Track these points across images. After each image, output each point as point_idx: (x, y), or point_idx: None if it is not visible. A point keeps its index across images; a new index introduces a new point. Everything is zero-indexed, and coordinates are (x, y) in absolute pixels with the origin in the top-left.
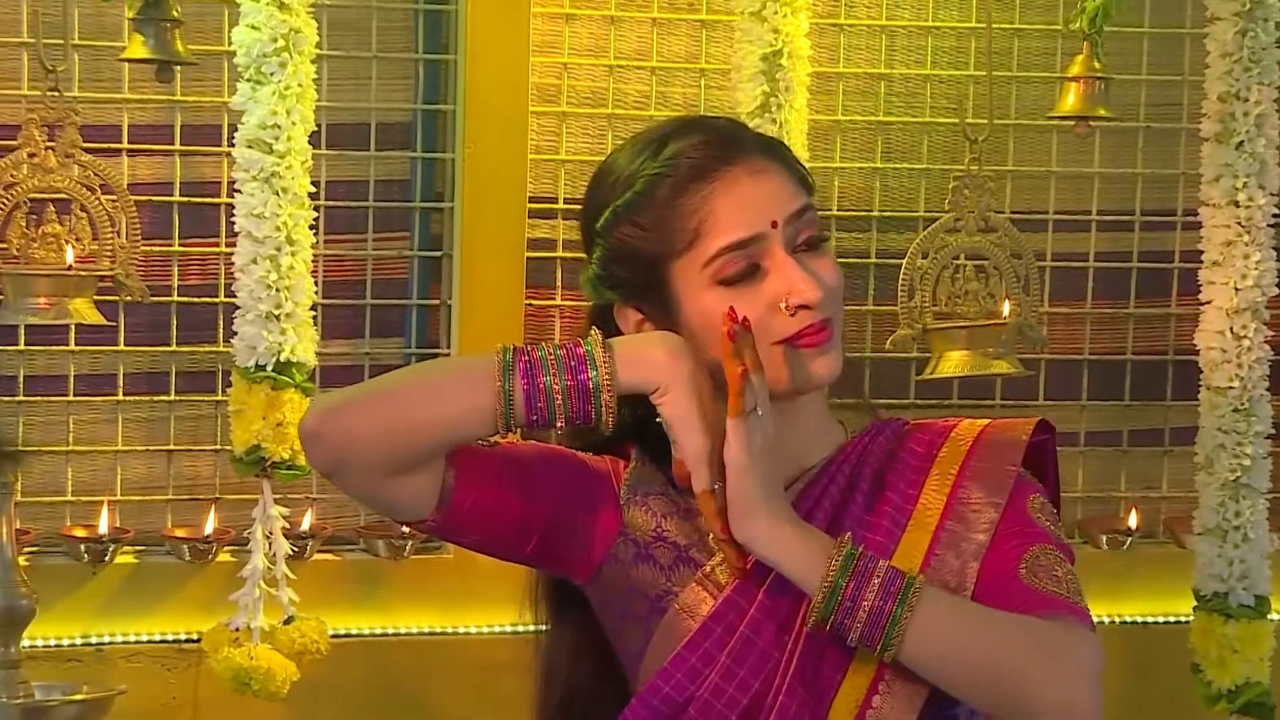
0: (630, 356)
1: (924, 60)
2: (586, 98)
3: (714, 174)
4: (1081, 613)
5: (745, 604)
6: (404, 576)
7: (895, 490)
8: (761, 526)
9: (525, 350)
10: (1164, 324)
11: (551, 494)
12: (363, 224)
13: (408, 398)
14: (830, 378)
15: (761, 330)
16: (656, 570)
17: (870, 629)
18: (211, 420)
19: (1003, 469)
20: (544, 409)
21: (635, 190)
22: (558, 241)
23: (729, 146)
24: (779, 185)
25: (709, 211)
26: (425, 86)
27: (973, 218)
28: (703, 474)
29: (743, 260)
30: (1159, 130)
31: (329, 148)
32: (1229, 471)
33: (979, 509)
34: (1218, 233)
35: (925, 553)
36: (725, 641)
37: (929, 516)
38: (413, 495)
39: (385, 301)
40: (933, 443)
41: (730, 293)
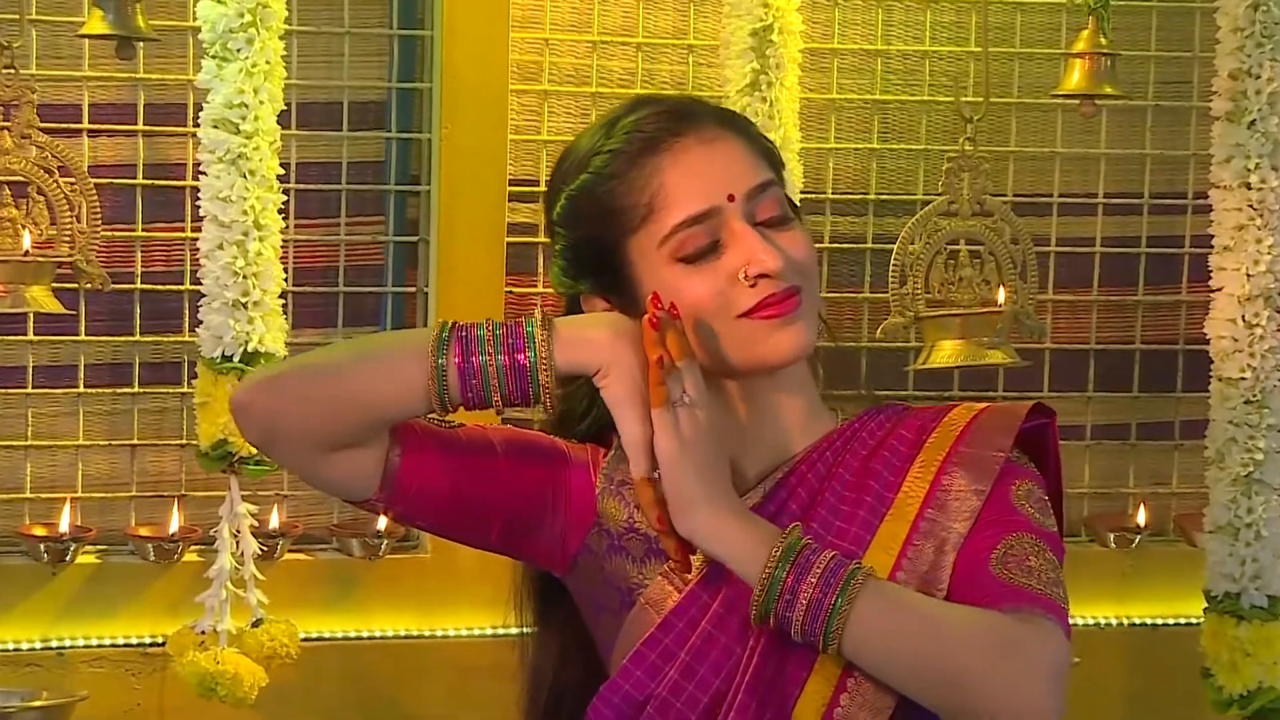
0: (570, 337)
1: (922, 36)
2: (569, 75)
3: (663, 145)
4: (1050, 604)
5: (708, 598)
6: (379, 577)
7: (877, 478)
8: (701, 518)
9: (464, 327)
10: (1173, 312)
11: (514, 481)
12: (335, 208)
13: (338, 372)
14: (798, 351)
15: (723, 306)
16: (628, 562)
17: (810, 621)
18: (176, 413)
19: (990, 455)
20: (478, 387)
21: (588, 171)
22: (539, 226)
23: (679, 117)
24: (735, 155)
25: (660, 184)
26: (400, 64)
27: (968, 201)
28: (640, 461)
29: (702, 236)
30: (1168, 109)
31: (299, 128)
32: (1241, 466)
33: (961, 497)
34: (1229, 216)
35: (903, 543)
36: (686, 637)
37: (909, 505)
38: (353, 473)
39: (359, 289)
40: (924, 428)
41: (689, 270)
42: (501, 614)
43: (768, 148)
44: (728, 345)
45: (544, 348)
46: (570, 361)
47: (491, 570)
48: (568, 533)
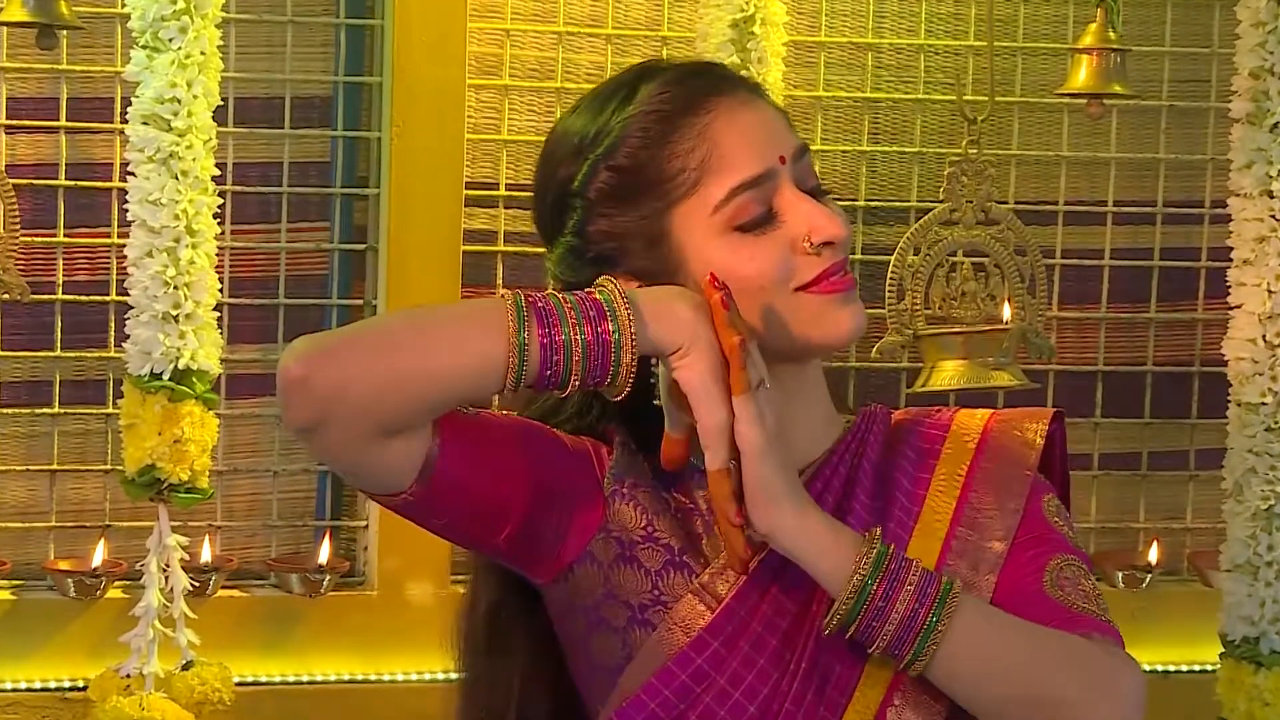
0: (655, 311)
1: (917, 28)
2: (532, 69)
3: (707, 105)
4: (1116, 634)
5: (745, 615)
6: (320, 615)
7: (899, 489)
8: (788, 516)
9: (538, 297)
10: (1189, 331)
11: (534, 477)
12: (275, 212)
13: (411, 343)
14: (858, 331)
15: (781, 277)
16: (641, 575)
17: (901, 636)
18: (100, 436)
19: (1017, 472)
20: (560, 365)
21: (616, 136)
22: (498, 233)
23: (714, 77)
24: (774, 119)
25: (712, 146)
26: (348, 56)
27: (971, 208)
28: (721, 451)
29: (758, 202)
30: (1184, 110)
31: (237, 125)
32: (1261, 499)
33: (993, 515)
34: (1249, 227)
35: (936, 561)
36: (722, 658)
37: (937, 521)
38: (397, 463)
39: (301, 301)
40: (934, 437)
41: (746, 239)
42: None
43: (786, 114)
44: (786, 322)
45: (629, 322)
46: (657, 336)
47: (445, 609)
48: (567, 537)
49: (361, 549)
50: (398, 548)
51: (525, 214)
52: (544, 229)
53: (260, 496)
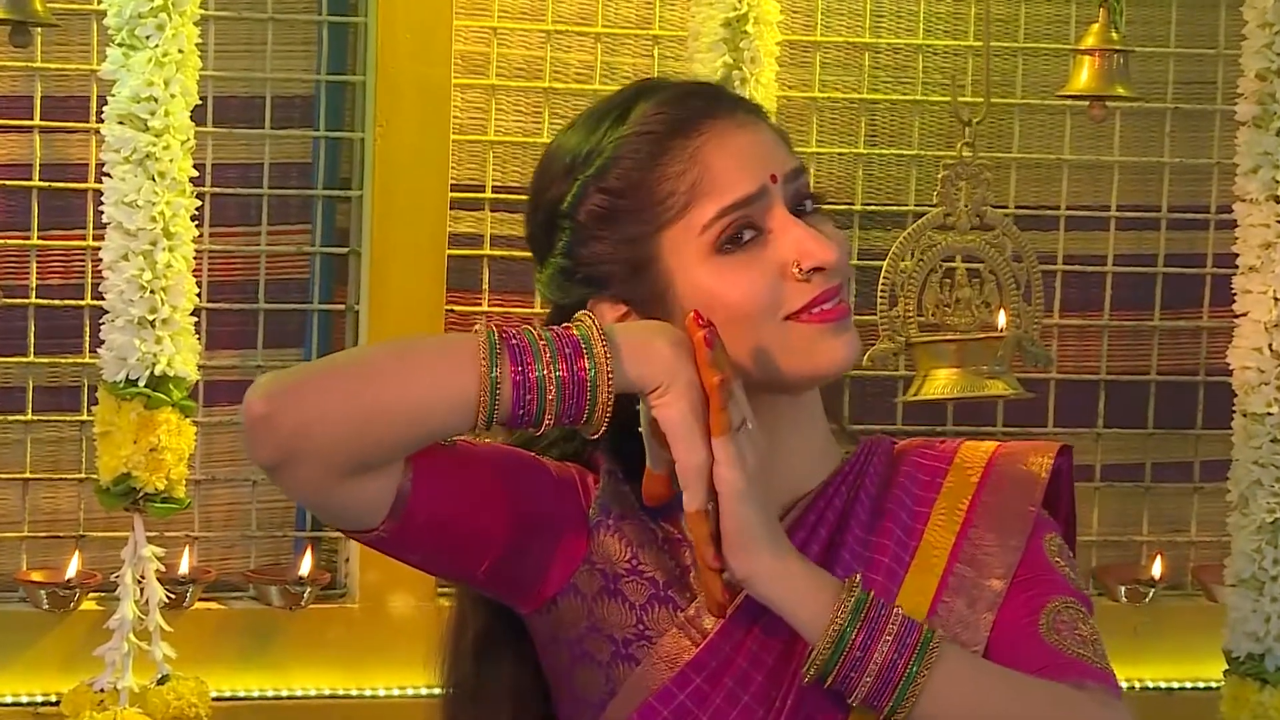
0: (633, 347)
1: (915, 28)
2: (519, 69)
3: (700, 127)
4: (1110, 680)
5: (730, 651)
6: (300, 628)
7: (896, 523)
8: (765, 561)
9: (510, 333)
10: (1193, 339)
11: (515, 508)
12: (255, 215)
13: (379, 379)
14: (850, 361)
15: (769, 305)
16: (625, 609)
17: (880, 687)
18: (74, 444)
19: (1020, 508)
20: (533, 404)
21: (607, 157)
22: (485, 237)
23: (709, 98)
24: (770, 141)
25: (702, 170)
26: (330, 54)
27: (965, 213)
28: (699, 492)
29: (744, 223)
30: (1189, 113)
31: (216, 125)
32: (1267, 512)
33: (993, 552)
34: (1254, 233)
35: (932, 598)
36: (705, 694)
37: (935, 557)
38: (366, 501)
39: (281, 306)
40: (936, 470)
41: (730, 262)
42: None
43: (785, 136)
44: (774, 352)
45: (606, 360)
46: (636, 375)
47: (428, 622)
48: (550, 567)
49: (343, 561)
50: (380, 560)
51: (512, 217)
52: (535, 247)
53: (239, 506)
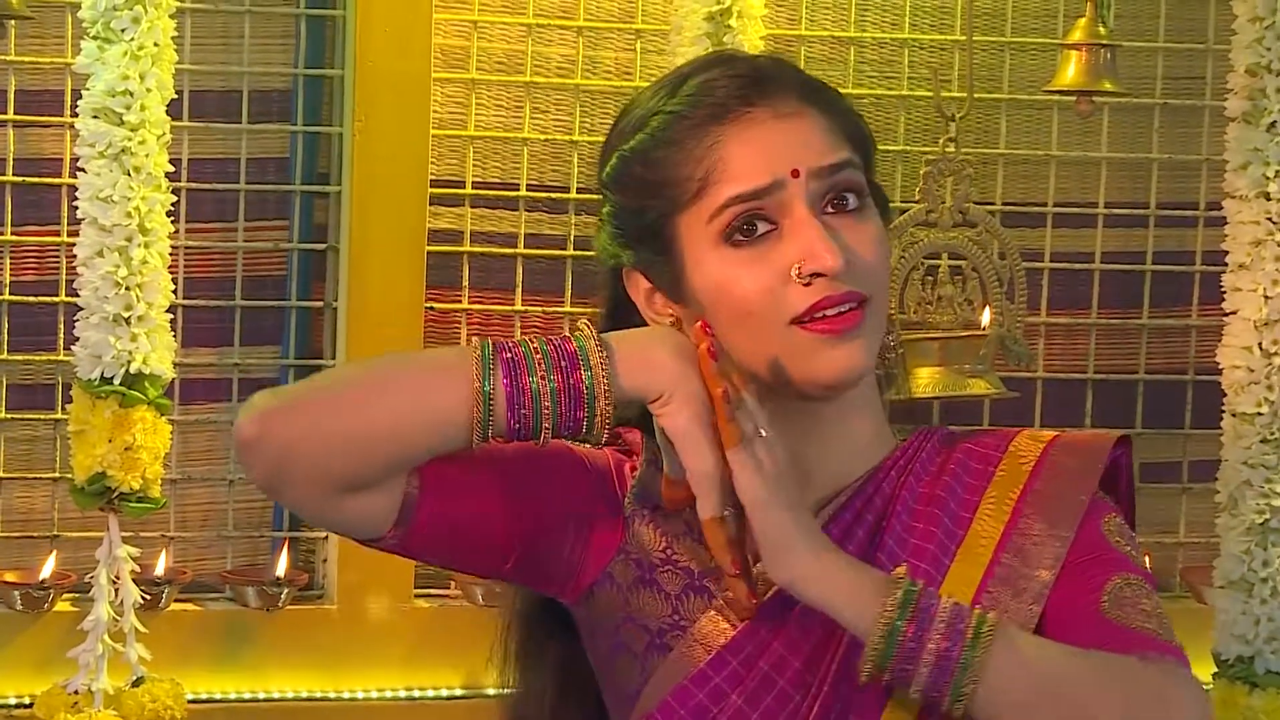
0: (631, 357)
1: (901, 22)
2: (500, 63)
3: (732, 115)
4: (1179, 653)
5: (768, 635)
6: (278, 630)
7: (945, 511)
8: (804, 563)
9: (505, 346)
10: (1182, 338)
11: (537, 505)
12: (232, 210)
13: (366, 401)
14: (849, 375)
15: (773, 307)
16: (660, 599)
17: (937, 677)
18: (49, 443)
19: (1073, 497)
20: (528, 416)
21: (645, 132)
22: (465, 233)
23: (757, 84)
24: (812, 133)
25: (721, 156)
26: (308, 47)
27: (949, 209)
28: (711, 499)
29: (755, 215)
30: (1177, 109)
31: (192, 119)
32: (1256, 513)
33: (1041, 542)
34: (1244, 230)
35: (977, 589)
36: (740, 677)
37: (982, 547)
38: (366, 514)
39: (258, 303)
40: (988, 458)
41: (739, 255)
42: (416, 673)
43: (857, 128)
44: (779, 356)
45: (603, 369)
46: (633, 385)
47: (407, 624)
48: (586, 558)
49: (320, 561)
50: (358, 561)
51: (493, 213)
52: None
53: (215, 506)
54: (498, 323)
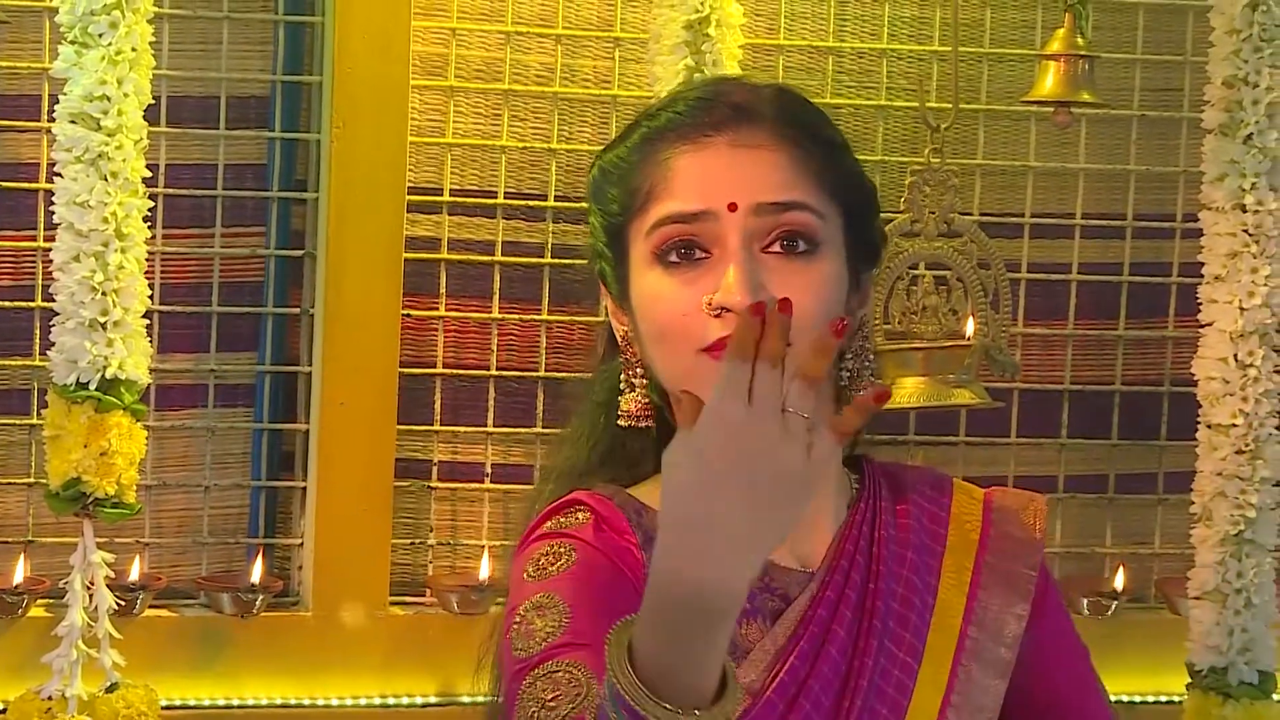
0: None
1: (880, 32)
2: (478, 70)
3: (692, 137)
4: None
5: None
6: (252, 637)
7: (919, 576)
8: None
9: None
10: (1158, 349)
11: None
12: (209, 216)
13: None
14: None
15: (686, 333)
16: None
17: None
18: (23, 448)
19: (1023, 572)
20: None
21: (624, 144)
22: (442, 240)
23: (729, 111)
24: (768, 169)
25: (665, 175)
26: (286, 54)
27: (933, 220)
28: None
29: (687, 241)
30: (1155, 120)
31: (169, 125)
32: (1231, 524)
33: (1000, 619)
34: (1220, 242)
35: (952, 660)
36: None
37: (950, 618)
38: None
39: (234, 309)
40: (938, 518)
41: (665, 277)
42: (391, 681)
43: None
44: (687, 380)
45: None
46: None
47: (378, 634)
48: None
49: (296, 568)
50: (333, 567)
51: (470, 221)
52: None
53: (191, 512)
54: (474, 330)
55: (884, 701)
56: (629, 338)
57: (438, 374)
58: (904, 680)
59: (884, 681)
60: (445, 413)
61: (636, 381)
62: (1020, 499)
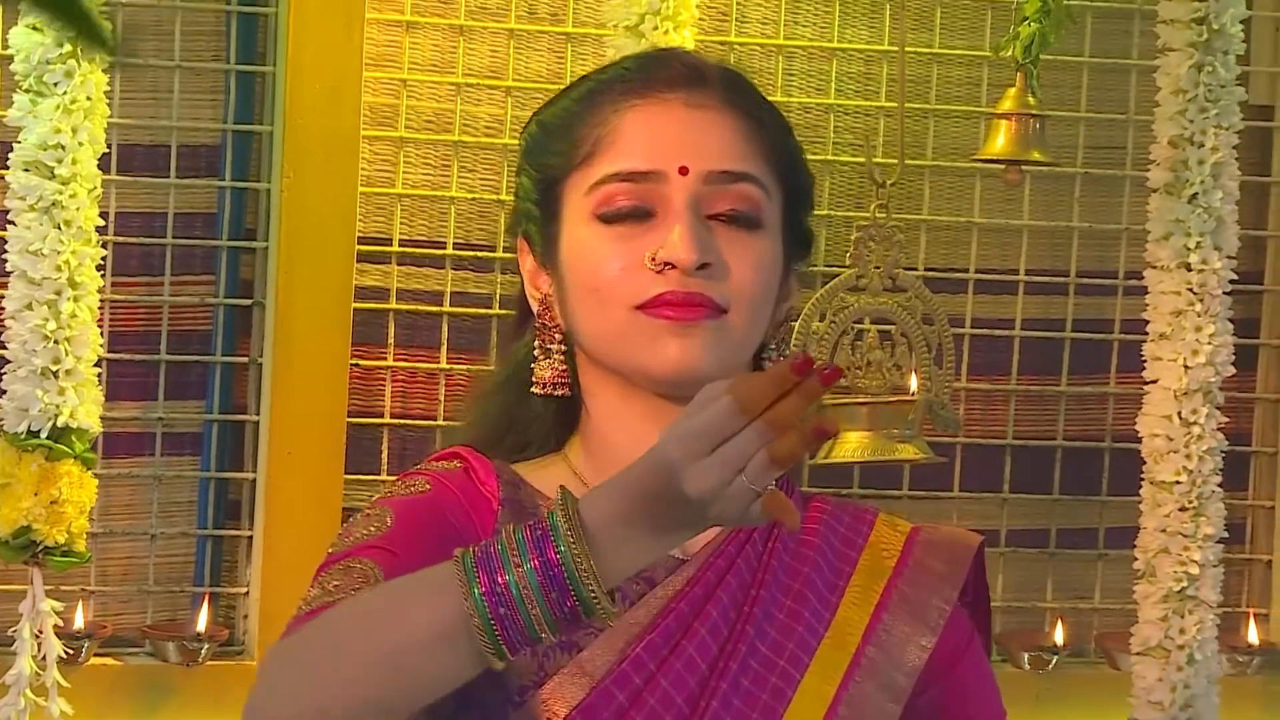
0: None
1: (826, 88)
2: (428, 121)
3: (642, 92)
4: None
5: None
6: (198, 685)
7: (813, 589)
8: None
9: (482, 546)
10: (1100, 405)
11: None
12: (159, 264)
13: (380, 677)
14: (679, 372)
15: (623, 288)
16: (526, 654)
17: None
18: None
19: (936, 604)
20: (515, 619)
21: (565, 96)
22: (391, 291)
23: (682, 69)
24: (720, 134)
25: (614, 127)
26: (237, 103)
27: (879, 275)
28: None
29: (632, 200)
30: (1098, 178)
31: (120, 173)
32: (1174, 580)
33: (902, 645)
34: (1165, 300)
35: (844, 674)
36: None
37: (849, 634)
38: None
39: (183, 357)
40: (851, 542)
41: (608, 232)
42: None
43: (792, 158)
44: (618, 339)
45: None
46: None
47: None
48: None
49: (241, 617)
50: (279, 616)
51: (419, 271)
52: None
53: (136, 560)
54: (422, 380)
55: (754, 706)
56: (548, 301)
57: (385, 424)
58: (782, 688)
59: (756, 686)
60: (392, 462)
61: (554, 347)
62: (947, 536)
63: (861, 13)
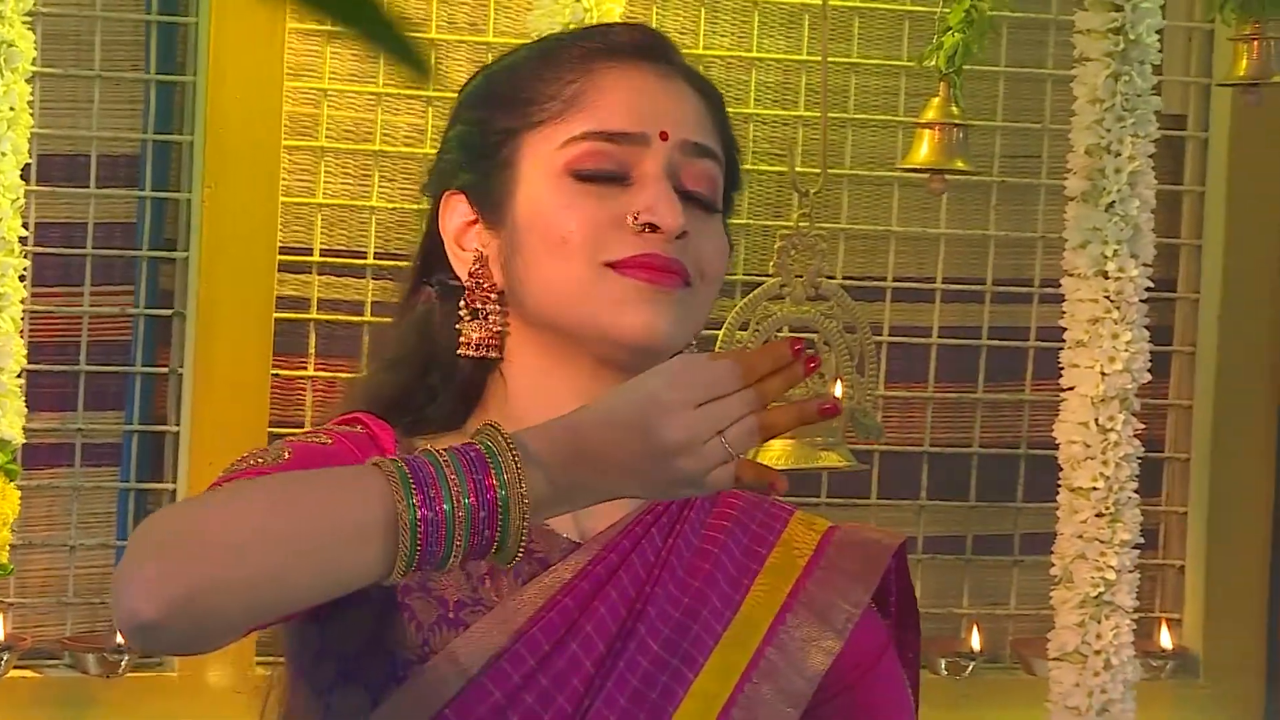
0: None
1: (745, 98)
2: (348, 131)
3: (613, 56)
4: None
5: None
6: (119, 697)
7: (713, 585)
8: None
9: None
10: (1016, 412)
11: None
12: (78, 275)
13: (282, 554)
14: (649, 337)
15: (594, 244)
16: (411, 629)
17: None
18: None
19: (844, 607)
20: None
21: (520, 55)
22: (312, 300)
23: (650, 42)
24: (689, 106)
25: (590, 85)
26: (157, 113)
27: (801, 284)
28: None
29: (611, 159)
30: (1014, 187)
31: (39, 183)
32: (1090, 586)
33: (805, 648)
34: (1082, 308)
35: (740, 675)
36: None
37: (751, 634)
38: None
39: (102, 368)
40: (761, 539)
41: (578, 189)
42: None
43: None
44: (580, 297)
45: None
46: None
47: (248, 691)
48: None
49: None
50: None
51: (339, 281)
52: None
53: (55, 572)
54: (342, 390)
55: (642, 705)
56: (484, 259)
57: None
58: (673, 687)
59: (645, 685)
60: None
61: (490, 309)
62: (866, 535)
63: (780, 23)
